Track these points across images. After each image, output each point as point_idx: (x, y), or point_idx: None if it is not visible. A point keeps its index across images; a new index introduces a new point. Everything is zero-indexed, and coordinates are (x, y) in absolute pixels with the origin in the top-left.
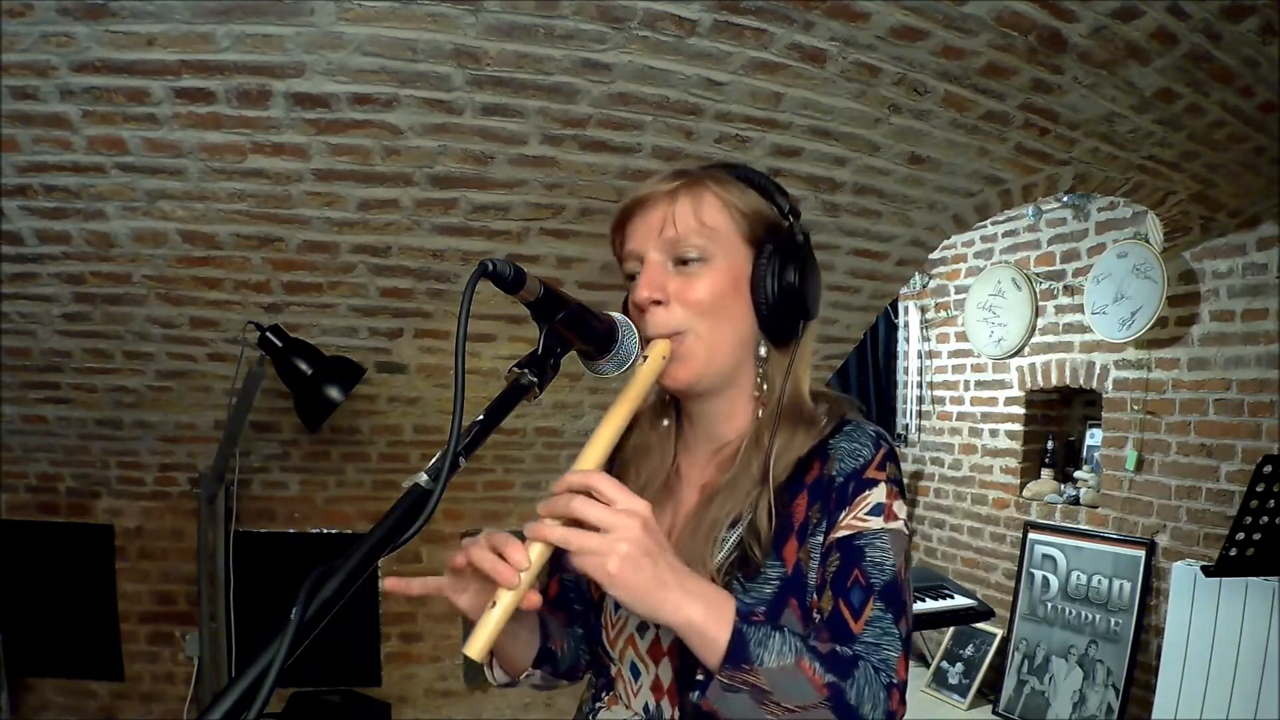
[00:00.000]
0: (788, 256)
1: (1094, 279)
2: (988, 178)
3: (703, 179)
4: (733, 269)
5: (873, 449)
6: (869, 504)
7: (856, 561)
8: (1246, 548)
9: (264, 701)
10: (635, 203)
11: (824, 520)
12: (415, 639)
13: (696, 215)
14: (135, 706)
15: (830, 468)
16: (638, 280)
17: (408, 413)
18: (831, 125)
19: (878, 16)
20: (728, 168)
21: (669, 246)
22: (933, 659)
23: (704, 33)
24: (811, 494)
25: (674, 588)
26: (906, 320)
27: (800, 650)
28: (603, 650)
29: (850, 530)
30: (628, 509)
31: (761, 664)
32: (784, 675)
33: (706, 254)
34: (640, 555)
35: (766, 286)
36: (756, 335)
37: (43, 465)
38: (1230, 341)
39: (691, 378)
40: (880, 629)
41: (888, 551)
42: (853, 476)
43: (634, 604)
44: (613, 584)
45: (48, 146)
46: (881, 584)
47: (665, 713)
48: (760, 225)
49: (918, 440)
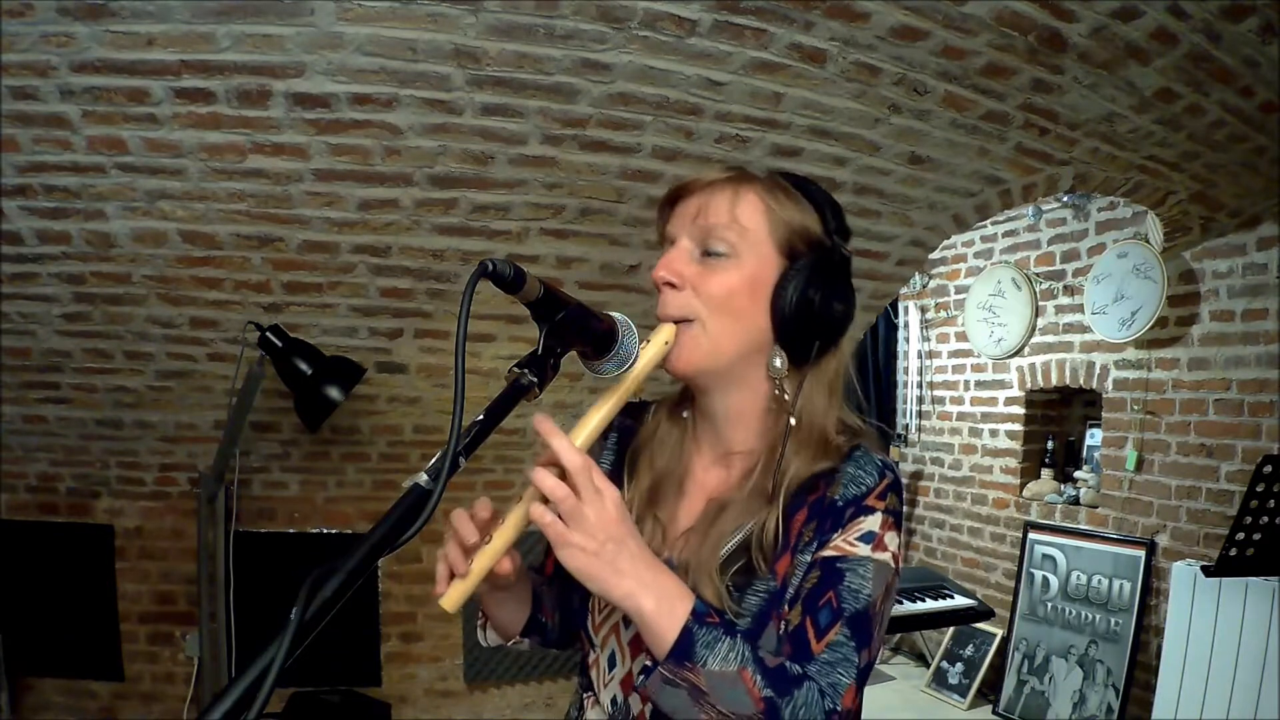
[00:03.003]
0: (816, 274)
1: (1094, 279)
2: (988, 178)
3: (751, 178)
4: (757, 272)
5: (876, 478)
6: (861, 530)
7: (834, 583)
8: (1246, 548)
9: (264, 701)
10: (681, 188)
11: (815, 539)
12: (415, 639)
13: (731, 210)
14: (135, 706)
15: (834, 490)
16: (659, 261)
17: (408, 413)
18: (831, 125)
19: (878, 16)
20: (790, 177)
21: (700, 235)
22: (933, 659)
23: (704, 33)
24: (811, 512)
25: (629, 576)
26: (906, 320)
27: (746, 660)
28: (585, 634)
29: (836, 552)
30: (598, 493)
31: (704, 665)
32: (724, 680)
33: (734, 250)
34: (603, 540)
35: (786, 298)
36: (771, 345)
37: (43, 465)
38: (1230, 341)
39: (691, 367)
40: (840, 654)
41: (867, 580)
42: (852, 502)
43: (588, 583)
44: (570, 561)
45: (48, 146)
46: (853, 611)
47: (633, 709)
48: (800, 238)
49: (918, 440)
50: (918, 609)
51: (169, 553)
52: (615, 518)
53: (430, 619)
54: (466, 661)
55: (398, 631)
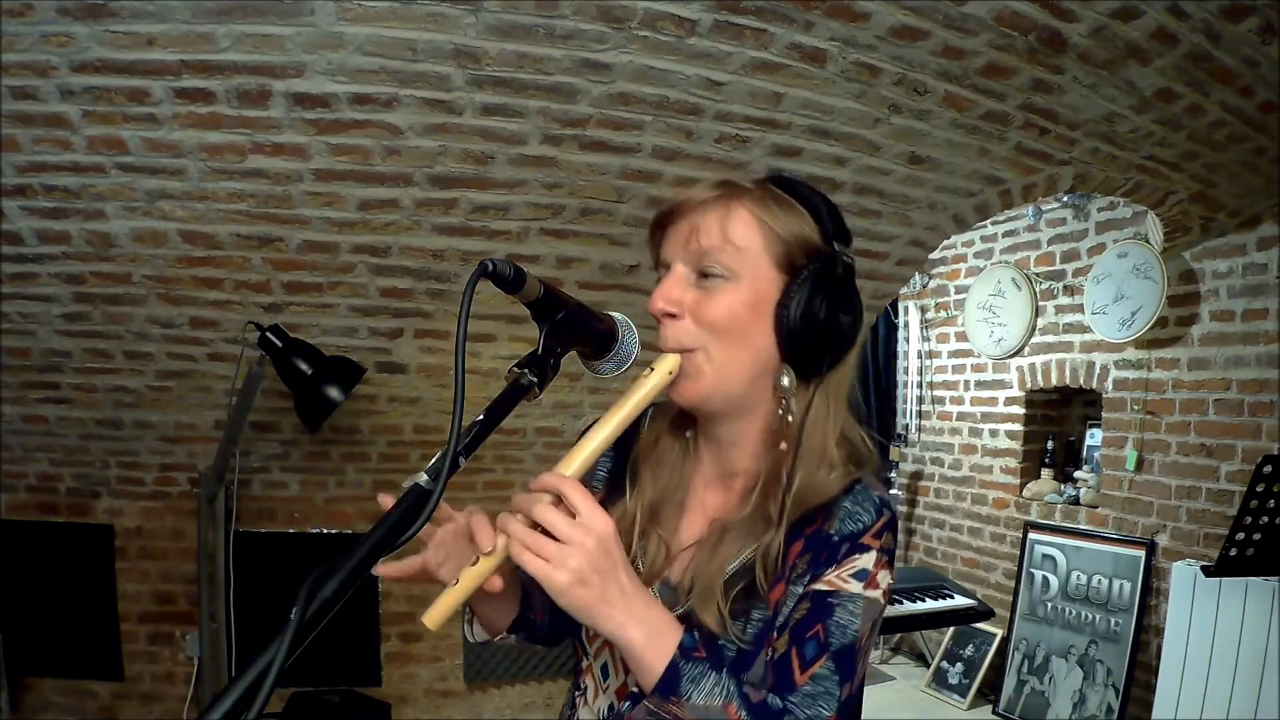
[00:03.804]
0: (819, 286)
1: (1094, 279)
2: (988, 178)
3: (740, 193)
4: (756, 291)
5: (874, 515)
6: (855, 568)
7: (823, 617)
8: (1246, 548)
9: (264, 701)
10: (670, 209)
11: (809, 572)
12: (415, 639)
13: (723, 231)
14: (135, 706)
15: (830, 525)
16: (655, 290)
17: (408, 413)
18: (831, 125)
19: (878, 16)
20: (781, 182)
21: (694, 259)
22: (933, 659)
23: (704, 33)
24: (807, 544)
25: (619, 608)
26: (906, 320)
27: (731, 695)
28: (580, 644)
29: (829, 587)
30: (587, 525)
31: (689, 700)
32: (708, 715)
33: (730, 272)
34: (590, 572)
35: (791, 314)
36: (777, 364)
37: (43, 465)
38: (1230, 341)
39: (698, 397)
40: (823, 687)
41: (856, 617)
42: (849, 538)
43: (577, 615)
44: (558, 594)
45: (48, 146)
46: (839, 646)
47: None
48: (798, 249)
49: (918, 440)
50: (918, 609)
51: (169, 553)
52: (603, 550)
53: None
54: (466, 661)
55: (398, 631)
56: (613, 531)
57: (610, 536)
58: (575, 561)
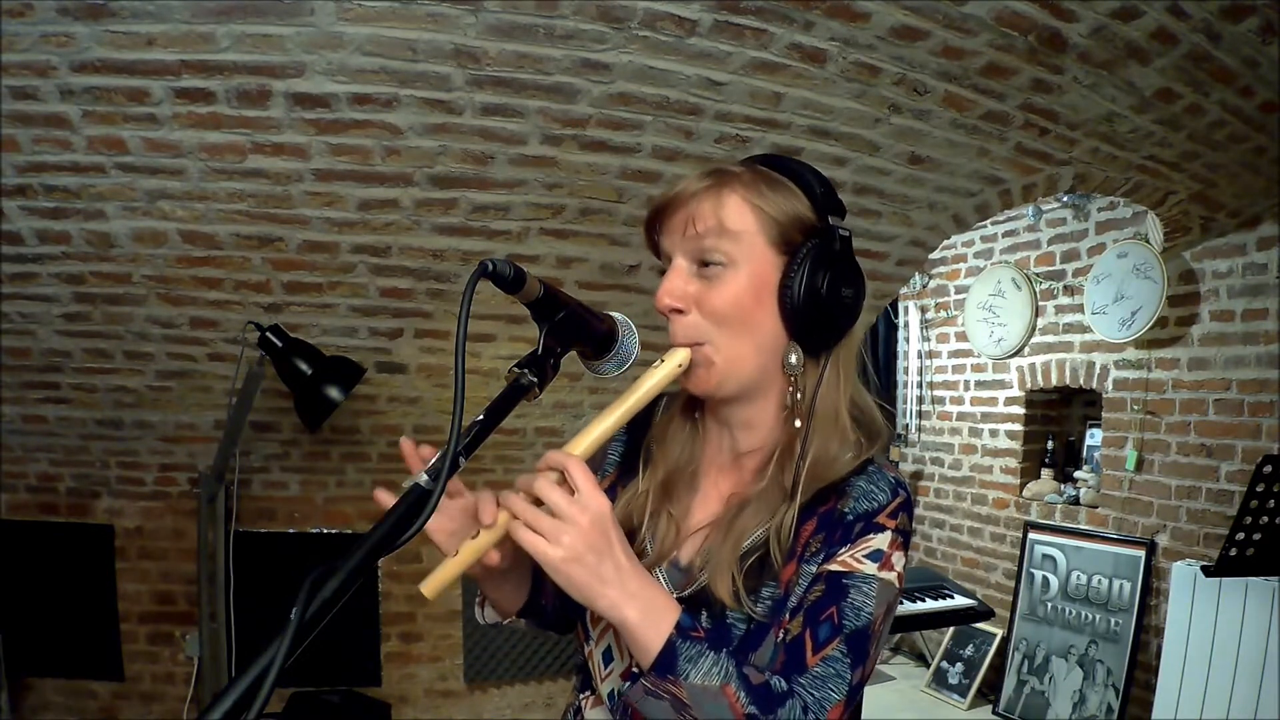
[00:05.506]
0: (819, 262)
1: (1094, 279)
2: (988, 178)
3: (730, 179)
4: (757, 275)
5: (889, 495)
6: (870, 548)
7: (837, 599)
8: (1246, 548)
9: (264, 701)
10: (664, 203)
11: (822, 551)
12: (415, 639)
13: (717, 217)
14: (135, 706)
15: (844, 504)
16: (660, 286)
17: (408, 413)
18: (831, 125)
19: (878, 16)
20: (770, 161)
21: (692, 249)
22: (933, 659)
23: (704, 33)
24: (820, 523)
25: (613, 585)
26: (906, 320)
27: (730, 676)
28: (583, 625)
29: (843, 568)
30: (584, 503)
31: (686, 679)
32: (706, 695)
33: (729, 258)
34: (584, 549)
35: (794, 294)
36: (785, 344)
37: (43, 465)
38: (1230, 341)
39: (711, 386)
40: (833, 670)
41: (870, 599)
42: (863, 518)
43: (572, 593)
44: (552, 570)
45: (48, 146)
46: (853, 628)
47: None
48: (793, 227)
49: (918, 440)
50: (918, 609)
51: (169, 553)
52: (598, 528)
53: (430, 619)
54: (466, 661)
55: (398, 631)
56: (609, 510)
57: (606, 515)
58: (569, 538)
